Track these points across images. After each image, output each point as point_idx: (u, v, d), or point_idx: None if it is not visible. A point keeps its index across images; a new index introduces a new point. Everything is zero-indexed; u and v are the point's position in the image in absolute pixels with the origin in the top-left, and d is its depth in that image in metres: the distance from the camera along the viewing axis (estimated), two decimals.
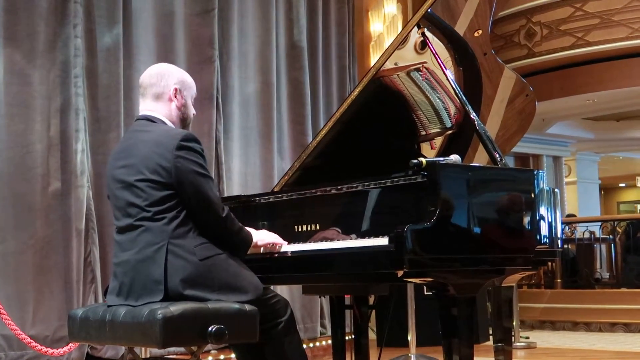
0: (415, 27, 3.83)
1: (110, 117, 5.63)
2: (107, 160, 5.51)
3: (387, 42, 7.88)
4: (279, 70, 7.06)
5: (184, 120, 3.27)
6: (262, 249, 3.32)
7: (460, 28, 4.01)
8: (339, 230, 3.38)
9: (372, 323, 6.87)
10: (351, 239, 3.27)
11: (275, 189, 3.97)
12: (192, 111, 3.31)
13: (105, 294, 3.22)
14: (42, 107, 5.34)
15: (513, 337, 6.91)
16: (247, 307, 2.98)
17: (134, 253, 3.00)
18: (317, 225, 3.47)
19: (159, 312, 2.79)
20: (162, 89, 3.20)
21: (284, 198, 3.67)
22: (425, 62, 3.96)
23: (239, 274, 3.06)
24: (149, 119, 3.19)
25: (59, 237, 5.32)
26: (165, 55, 6.04)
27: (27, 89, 5.29)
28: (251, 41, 6.82)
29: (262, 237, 3.30)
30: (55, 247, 5.30)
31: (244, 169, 6.67)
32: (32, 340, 4.81)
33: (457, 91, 3.75)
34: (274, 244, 3.33)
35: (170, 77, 3.23)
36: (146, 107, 3.23)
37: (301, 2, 7.25)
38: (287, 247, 3.36)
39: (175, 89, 3.21)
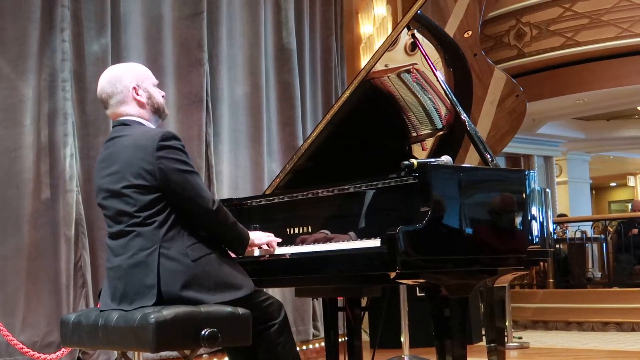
0: (406, 29, 3.83)
1: (99, 121, 5.60)
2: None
3: (377, 43, 7.89)
4: (268, 72, 7.05)
5: (157, 110, 3.24)
6: (257, 250, 3.33)
7: (450, 29, 4.02)
8: (331, 232, 3.37)
9: (365, 325, 6.87)
10: (343, 240, 3.27)
11: (267, 192, 3.97)
12: (159, 96, 3.26)
13: (99, 297, 3.21)
14: (30, 111, 5.30)
15: (506, 338, 6.91)
16: (240, 310, 2.97)
17: (126, 258, 3.00)
18: (309, 227, 3.47)
19: (152, 316, 2.79)
20: (122, 94, 3.17)
21: (276, 201, 3.67)
22: (415, 64, 3.96)
23: (231, 271, 3.07)
24: (124, 123, 3.17)
25: (47, 242, 5.28)
26: (154, 58, 6.02)
27: (14, 93, 5.25)
28: (240, 44, 6.81)
29: (258, 236, 3.31)
30: (44, 252, 5.26)
31: (234, 172, 6.66)
32: (24, 346, 4.79)
33: (447, 92, 3.75)
34: (269, 244, 3.33)
35: (123, 79, 3.18)
36: (118, 114, 3.20)
37: (290, 5, 7.24)
38: (280, 250, 3.36)
39: (134, 88, 3.18)
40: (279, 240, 3.39)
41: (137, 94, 3.18)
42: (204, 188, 3.09)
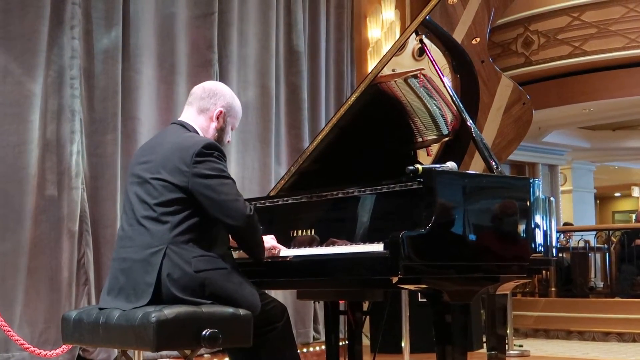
0: (414, 34, 3.83)
1: (108, 119, 5.60)
2: (103, 162, 5.53)
3: (385, 48, 7.89)
4: (278, 74, 7.05)
5: (216, 141, 3.27)
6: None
7: (458, 35, 4.02)
8: (335, 236, 3.37)
9: (366, 329, 6.86)
10: (346, 244, 3.26)
11: (272, 194, 3.97)
12: (228, 138, 3.32)
13: None
14: (36, 107, 5.29)
15: (507, 345, 6.90)
16: (242, 311, 2.97)
17: (133, 252, 3.00)
18: (313, 230, 3.47)
19: (153, 315, 2.78)
20: (209, 106, 3.23)
21: (280, 203, 3.67)
22: (422, 69, 3.96)
23: (236, 292, 3.01)
24: (183, 126, 3.21)
25: (49, 239, 5.27)
26: (165, 57, 6.03)
27: (20, 88, 5.24)
28: (251, 45, 6.82)
29: (266, 239, 3.31)
30: (45, 248, 5.25)
31: (240, 173, 6.66)
32: (25, 342, 4.78)
33: (454, 98, 3.75)
34: (273, 247, 3.33)
35: (220, 98, 3.25)
36: (187, 115, 3.25)
37: (299, 7, 7.25)
38: (283, 252, 3.35)
39: (221, 111, 3.24)
40: (282, 247, 3.37)
41: (218, 118, 3.23)
42: (234, 195, 3.06)
